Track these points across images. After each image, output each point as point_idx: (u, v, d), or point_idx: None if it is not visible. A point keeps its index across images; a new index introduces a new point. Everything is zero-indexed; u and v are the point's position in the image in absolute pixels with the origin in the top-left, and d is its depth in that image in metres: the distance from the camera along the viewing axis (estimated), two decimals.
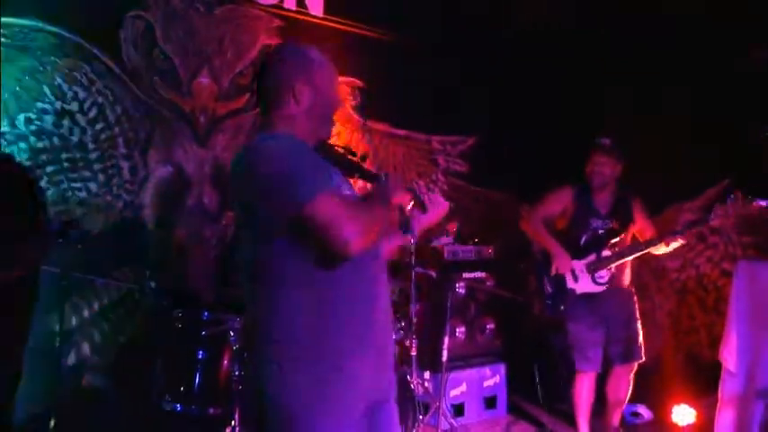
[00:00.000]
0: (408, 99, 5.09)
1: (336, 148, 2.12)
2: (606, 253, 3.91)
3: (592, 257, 3.94)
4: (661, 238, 3.72)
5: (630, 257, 3.90)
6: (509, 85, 5.36)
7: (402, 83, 4.98)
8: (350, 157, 2.12)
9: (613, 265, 3.89)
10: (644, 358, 3.95)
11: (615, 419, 4.07)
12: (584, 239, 3.97)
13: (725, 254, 4.76)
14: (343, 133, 4.85)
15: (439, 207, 2.21)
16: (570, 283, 3.98)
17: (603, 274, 3.90)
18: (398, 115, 5.21)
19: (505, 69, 5.38)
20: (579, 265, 3.96)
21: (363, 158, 2.14)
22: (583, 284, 3.95)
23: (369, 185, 2.15)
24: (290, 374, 1.73)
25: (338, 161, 2.02)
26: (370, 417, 1.86)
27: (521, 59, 5.35)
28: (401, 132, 5.33)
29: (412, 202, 2.04)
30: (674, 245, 3.68)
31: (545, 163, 5.14)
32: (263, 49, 4.60)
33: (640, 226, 3.99)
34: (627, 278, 4.03)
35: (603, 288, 3.91)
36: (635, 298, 4.03)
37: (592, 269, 3.92)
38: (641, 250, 3.84)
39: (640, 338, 3.94)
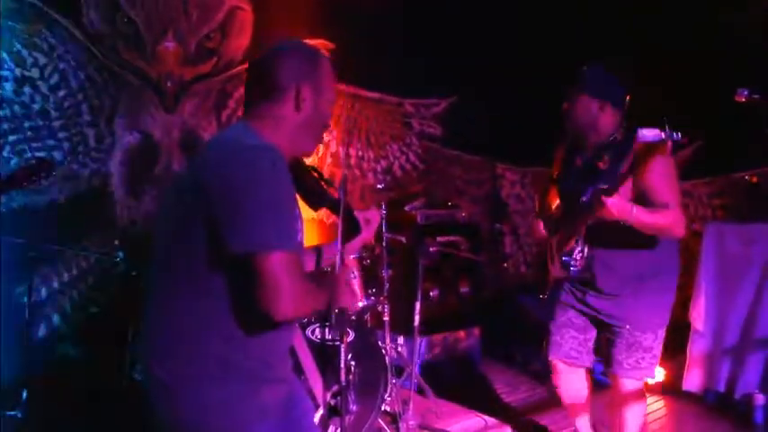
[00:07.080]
0: (380, 61, 5.00)
1: (312, 173, 1.90)
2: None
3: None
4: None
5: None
6: (483, 45, 5.27)
7: (374, 45, 4.89)
8: (323, 186, 1.91)
9: (578, 245, 2.70)
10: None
11: None
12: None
13: (695, 215, 4.79)
14: None
15: (373, 223, 2.15)
16: (549, 264, 3.01)
17: (575, 257, 2.70)
18: (370, 78, 5.12)
19: (479, 28, 5.28)
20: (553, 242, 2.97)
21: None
22: (555, 267, 2.92)
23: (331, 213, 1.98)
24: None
25: (307, 188, 1.86)
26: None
27: (494, 18, 5.25)
28: (374, 95, 5.27)
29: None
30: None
31: (521, 124, 5.11)
32: (231, 10, 4.50)
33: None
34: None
35: (567, 273, 2.76)
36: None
37: (558, 248, 2.88)
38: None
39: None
